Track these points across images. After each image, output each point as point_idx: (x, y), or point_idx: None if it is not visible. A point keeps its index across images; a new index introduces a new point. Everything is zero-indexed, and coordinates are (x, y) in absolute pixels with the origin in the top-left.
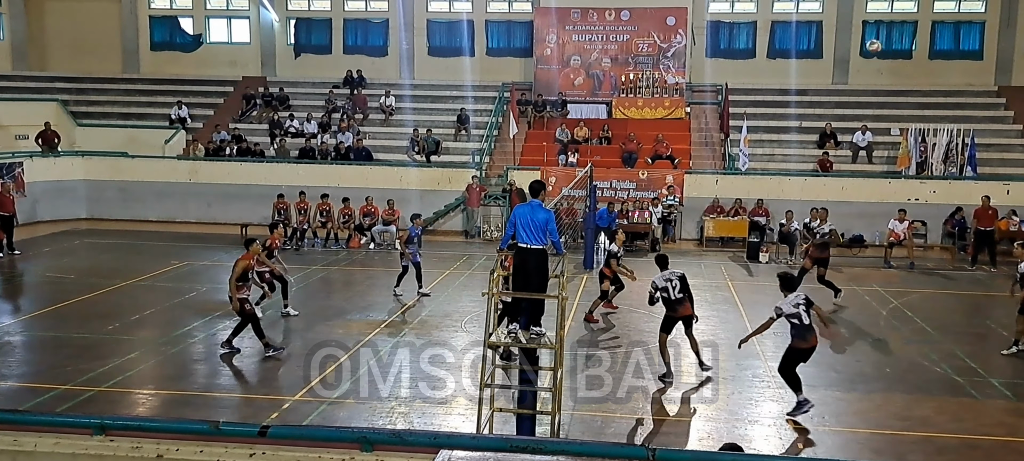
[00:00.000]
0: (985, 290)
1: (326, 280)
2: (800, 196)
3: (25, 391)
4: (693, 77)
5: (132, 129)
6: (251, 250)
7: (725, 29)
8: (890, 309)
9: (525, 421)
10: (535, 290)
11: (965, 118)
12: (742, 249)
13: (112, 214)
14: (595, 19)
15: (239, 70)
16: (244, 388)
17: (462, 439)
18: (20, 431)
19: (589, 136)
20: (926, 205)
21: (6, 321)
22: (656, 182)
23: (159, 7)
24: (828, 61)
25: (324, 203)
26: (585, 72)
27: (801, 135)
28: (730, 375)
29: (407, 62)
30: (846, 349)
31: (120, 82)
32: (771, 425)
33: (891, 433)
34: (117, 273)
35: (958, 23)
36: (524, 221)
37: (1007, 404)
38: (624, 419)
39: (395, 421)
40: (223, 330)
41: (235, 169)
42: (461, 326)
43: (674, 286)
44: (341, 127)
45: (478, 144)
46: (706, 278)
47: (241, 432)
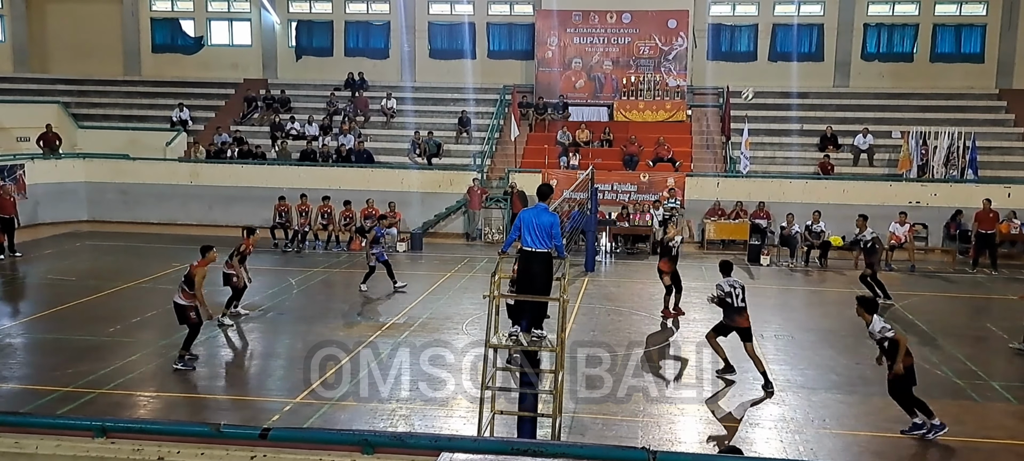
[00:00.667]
0: (986, 293)
1: (327, 282)
2: (801, 199)
3: (26, 393)
4: (694, 80)
5: (133, 131)
6: (207, 257)
7: (726, 32)
8: (891, 312)
9: (526, 424)
10: (539, 293)
11: (966, 121)
12: (743, 252)
13: (113, 216)
14: (596, 21)
15: (240, 72)
16: (245, 390)
17: (463, 442)
18: (21, 433)
19: (590, 139)
20: (927, 208)
21: (7, 323)
22: (657, 185)
23: (160, 9)
24: (829, 64)
25: (325, 205)
26: (586, 75)
27: (802, 138)
28: (731, 377)
29: (408, 64)
30: (847, 352)
31: (121, 84)
32: (772, 428)
33: (892, 436)
34: (118, 275)
35: (959, 26)
36: (530, 224)
37: (1008, 407)
38: (625, 421)
39: (396, 423)
40: (221, 334)
41: (236, 171)
42: (462, 328)
43: (738, 293)
44: (342, 129)
45: (479, 146)
46: (707, 280)
47: (242, 434)
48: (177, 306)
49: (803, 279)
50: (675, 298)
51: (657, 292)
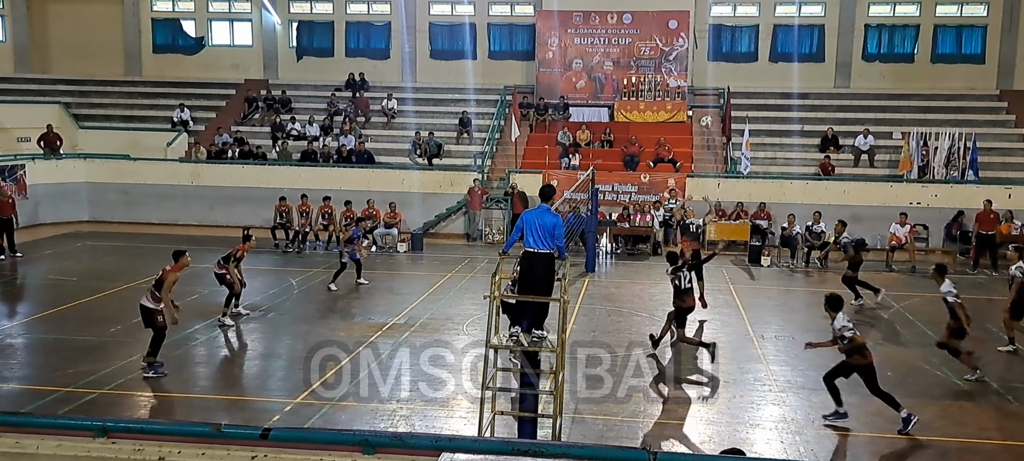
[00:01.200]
0: (986, 294)
1: (328, 283)
2: (802, 200)
3: (27, 393)
4: (695, 80)
5: (134, 132)
6: (180, 262)
7: (727, 32)
8: (891, 313)
9: (527, 424)
10: (541, 294)
11: (967, 122)
12: (744, 252)
13: (114, 217)
14: (597, 22)
15: (241, 73)
16: (246, 390)
17: (464, 442)
18: (22, 433)
19: (591, 139)
20: (928, 209)
21: (8, 323)
22: (658, 185)
23: (161, 10)
24: (830, 65)
25: (326, 206)
26: (587, 75)
27: (803, 138)
28: (732, 378)
29: (409, 65)
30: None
31: (122, 84)
32: (773, 429)
33: (891, 436)
34: (119, 276)
35: (960, 27)
36: (532, 225)
37: (1008, 408)
38: (626, 422)
39: (396, 424)
40: (225, 332)
41: (237, 172)
42: (462, 329)
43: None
44: (343, 130)
45: (480, 147)
46: (708, 281)
47: (243, 434)
48: (144, 309)
49: (803, 280)
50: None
51: (658, 293)
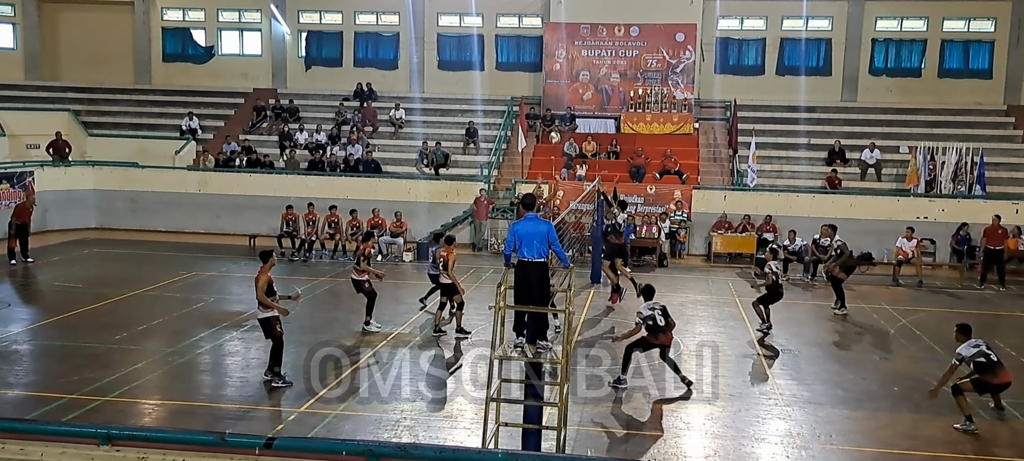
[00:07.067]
0: (993, 309)
1: (333, 292)
2: (809, 213)
3: (32, 400)
4: (702, 93)
5: (143, 140)
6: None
7: (734, 45)
8: (898, 327)
9: (531, 435)
10: (536, 304)
11: (974, 137)
12: (750, 265)
13: (121, 224)
14: (604, 34)
15: (250, 82)
16: (250, 399)
17: (468, 453)
18: (26, 440)
19: (597, 150)
20: (935, 223)
21: (14, 330)
22: (664, 197)
23: (171, 19)
24: (837, 78)
25: (332, 215)
26: (594, 87)
27: (810, 152)
28: (737, 392)
29: (417, 75)
30: (853, 367)
31: (132, 93)
32: (778, 443)
33: (898, 452)
34: (125, 283)
35: (967, 42)
36: (526, 235)
37: (1016, 425)
38: (630, 434)
39: (400, 434)
40: (230, 341)
41: (244, 180)
42: (467, 339)
43: (658, 316)
44: (350, 139)
45: (486, 157)
46: (713, 294)
47: (247, 443)
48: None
49: (809, 293)
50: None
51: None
